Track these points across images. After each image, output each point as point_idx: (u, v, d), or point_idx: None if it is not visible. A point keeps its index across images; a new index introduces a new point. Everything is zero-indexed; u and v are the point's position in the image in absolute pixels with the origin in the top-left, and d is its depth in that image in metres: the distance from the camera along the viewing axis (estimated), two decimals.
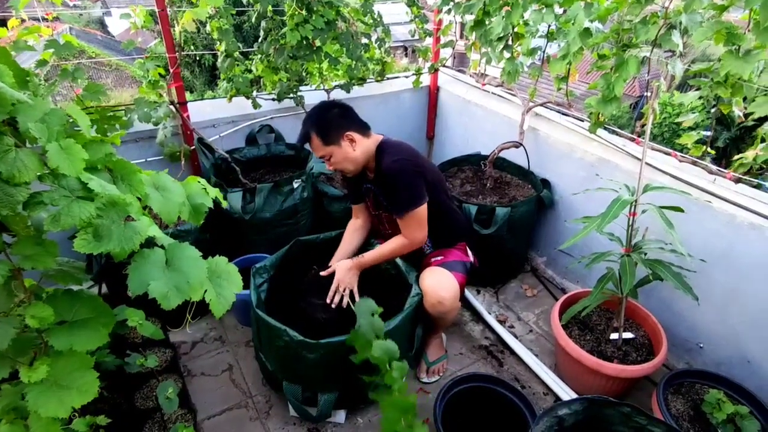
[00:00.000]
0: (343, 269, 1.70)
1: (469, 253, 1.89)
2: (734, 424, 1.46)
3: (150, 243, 0.85)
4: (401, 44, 15.71)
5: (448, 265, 1.76)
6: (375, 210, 1.86)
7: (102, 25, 17.39)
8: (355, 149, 1.65)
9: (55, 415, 0.84)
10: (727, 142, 9.33)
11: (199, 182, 1.01)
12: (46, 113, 0.80)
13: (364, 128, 1.69)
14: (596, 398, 1.31)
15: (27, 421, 0.88)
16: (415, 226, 1.66)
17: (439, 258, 1.81)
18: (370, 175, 1.77)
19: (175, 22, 1.98)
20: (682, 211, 1.52)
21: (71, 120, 0.91)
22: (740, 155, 1.70)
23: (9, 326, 0.85)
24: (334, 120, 1.64)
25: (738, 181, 1.77)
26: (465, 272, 1.80)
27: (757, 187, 1.77)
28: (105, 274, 1.88)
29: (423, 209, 1.65)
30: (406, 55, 16.92)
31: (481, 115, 2.69)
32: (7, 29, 1.66)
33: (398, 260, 1.80)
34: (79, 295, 0.95)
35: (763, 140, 1.62)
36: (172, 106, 2.11)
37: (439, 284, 1.68)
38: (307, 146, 1.71)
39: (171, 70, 2.06)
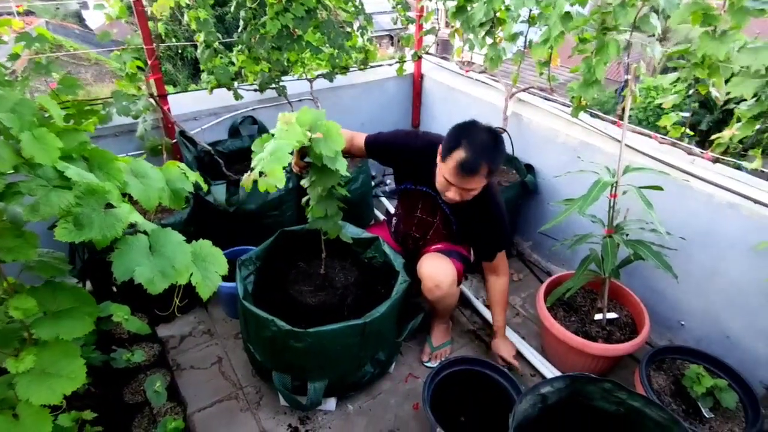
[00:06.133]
0: (502, 344, 1.82)
1: (471, 251, 1.91)
2: (713, 397, 1.50)
3: (133, 230, 0.84)
4: (387, 33, 15.60)
5: (447, 253, 1.78)
6: (425, 215, 1.83)
7: (79, 18, 16.91)
8: None
9: (47, 401, 0.84)
10: (710, 125, 9.46)
11: (178, 167, 1.00)
12: (16, 103, 0.79)
13: None
14: (578, 375, 1.34)
15: (15, 410, 0.88)
16: (505, 260, 1.80)
17: (439, 246, 1.83)
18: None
19: (151, 12, 1.94)
20: (661, 189, 1.55)
21: (47, 115, 0.89)
22: (718, 135, 1.73)
23: None
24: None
25: (716, 161, 1.81)
26: (463, 262, 1.82)
27: (737, 167, 1.81)
28: (88, 271, 1.86)
29: None
30: (392, 44, 16.80)
31: (465, 102, 2.69)
32: None
33: (385, 247, 1.81)
34: (61, 285, 0.95)
35: (738, 120, 1.65)
36: (151, 99, 2.08)
37: (436, 269, 1.70)
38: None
39: (149, 62, 2.03)
